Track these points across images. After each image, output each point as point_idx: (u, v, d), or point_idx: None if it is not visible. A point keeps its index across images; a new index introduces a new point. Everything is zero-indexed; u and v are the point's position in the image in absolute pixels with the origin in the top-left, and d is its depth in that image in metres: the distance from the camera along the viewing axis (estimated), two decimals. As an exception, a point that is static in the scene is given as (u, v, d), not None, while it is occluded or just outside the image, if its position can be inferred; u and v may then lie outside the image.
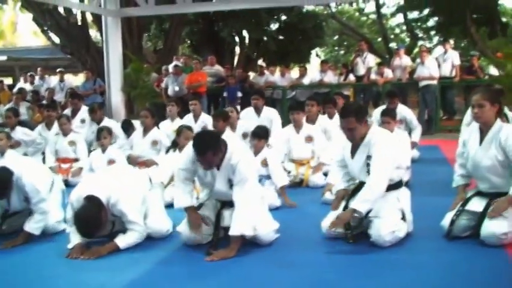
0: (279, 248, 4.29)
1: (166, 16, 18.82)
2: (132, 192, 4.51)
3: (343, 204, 4.50)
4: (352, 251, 4.17)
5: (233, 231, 4.13)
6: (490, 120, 4.26)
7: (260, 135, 6.15)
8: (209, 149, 4.09)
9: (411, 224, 4.46)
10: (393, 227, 4.22)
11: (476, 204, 4.33)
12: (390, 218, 4.25)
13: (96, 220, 4.17)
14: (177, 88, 13.20)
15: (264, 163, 5.96)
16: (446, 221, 4.37)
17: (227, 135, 6.50)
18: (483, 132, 4.33)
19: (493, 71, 12.81)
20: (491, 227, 4.11)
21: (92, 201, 4.21)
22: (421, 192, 4.39)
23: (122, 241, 4.37)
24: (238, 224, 4.12)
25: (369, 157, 4.31)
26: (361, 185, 4.47)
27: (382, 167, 4.25)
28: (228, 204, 4.39)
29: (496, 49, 12.70)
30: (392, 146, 4.45)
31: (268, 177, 5.95)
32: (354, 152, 4.43)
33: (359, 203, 4.19)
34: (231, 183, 4.28)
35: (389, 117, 6.70)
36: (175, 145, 6.40)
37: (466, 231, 4.33)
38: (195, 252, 4.26)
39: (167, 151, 6.68)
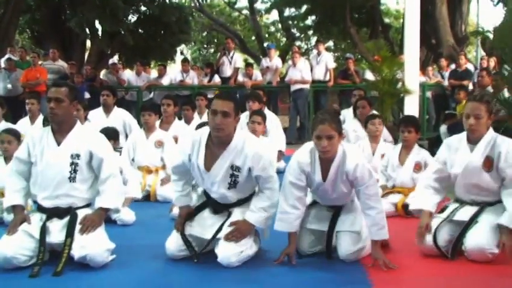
0: (112, 270, 4.22)
1: (-1, 0, 18.03)
2: None
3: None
4: (198, 269, 4.22)
5: (103, 204, 4.44)
6: (335, 151, 4.29)
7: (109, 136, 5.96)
8: None
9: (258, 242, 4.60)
10: (241, 247, 4.32)
11: (319, 222, 4.58)
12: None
13: None
14: (10, 86, 12.76)
15: None
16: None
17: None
18: (323, 164, 4.36)
19: (370, 75, 13.36)
20: (347, 244, 4.39)
21: None
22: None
23: None
24: (108, 197, 4.46)
25: (234, 168, 4.35)
26: (209, 201, 4.54)
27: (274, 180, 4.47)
28: (56, 214, 4.34)
29: (374, 52, 13.36)
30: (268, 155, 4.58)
31: None
32: (214, 158, 4.37)
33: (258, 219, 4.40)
34: (74, 163, 4.35)
35: (260, 117, 6.93)
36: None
37: (316, 247, 4.56)
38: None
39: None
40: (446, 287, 3.93)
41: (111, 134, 6.21)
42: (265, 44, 27.20)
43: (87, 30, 20.66)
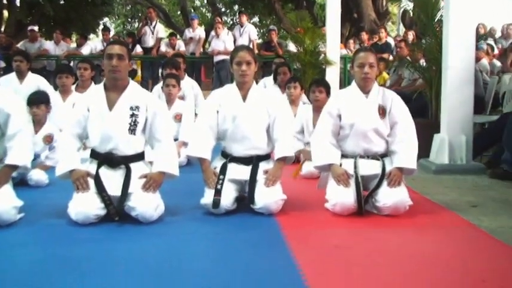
0: (20, 228, 4.10)
1: None
2: None
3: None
4: (112, 225, 4.14)
5: (10, 161, 4.28)
6: (252, 79, 4.68)
7: (40, 101, 6.02)
8: None
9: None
10: (156, 200, 4.31)
11: (239, 172, 4.63)
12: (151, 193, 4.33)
13: None
14: None
15: (48, 140, 5.92)
16: (208, 197, 4.51)
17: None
18: (242, 91, 4.68)
19: (293, 47, 13.39)
20: (267, 197, 4.45)
21: None
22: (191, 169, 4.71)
23: None
24: (16, 154, 4.29)
25: (134, 107, 4.36)
26: (101, 158, 4.40)
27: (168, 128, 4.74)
28: None
29: (297, 23, 13.40)
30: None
31: None
32: (114, 101, 4.37)
33: None
34: None
35: (174, 79, 6.92)
36: None
37: (234, 204, 4.58)
38: None
39: None
40: (359, 238, 3.98)
41: (42, 98, 6.05)
42: (189, 17, 26.96)
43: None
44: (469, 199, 5.15)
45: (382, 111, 4.61)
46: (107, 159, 4.38)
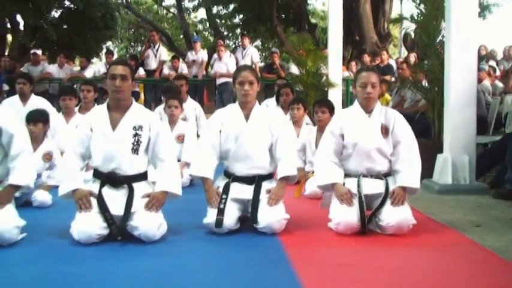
0: (22, 248, 4.07)
1: None
2: None
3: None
4: (115, 245, 4.11)
5: (13, 181, 4.30)
6: (254, 99, 4.70)
7: (38, 119, 6.02)
8: None
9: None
10: (159, 219, 4.29)
11: (241, 191, 4.62)
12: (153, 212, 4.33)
13: None
14: None
15: (47, 157, 5.97)
16: (210, 216, 4.50)
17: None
18: (244, 110, 4.69)
19: (295, 69, 13.43)
20: (270, 216, 4.43)
21: None
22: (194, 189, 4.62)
23: None
24: (19, 174, 4.31)
25: (137, 127, 4.37)
26: (103, 178, 4.40)
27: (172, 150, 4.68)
28: None
29: (299, 45, 13.46)
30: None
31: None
32: (117, 120, 4.38)
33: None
34: None
35: (176, 100, 7.03)
36: None
37: (237, 223, 4.55)
38: None
39: None
40: (362, 256, 3.96)
41: (39, 116, 6.06)
42: (192, 41, 27.07)
43: (8, 24, 20.08)
44: (472, 218, 5.13)
45: (385, 131, 4.62)
46: (109, 178, 4.38)
